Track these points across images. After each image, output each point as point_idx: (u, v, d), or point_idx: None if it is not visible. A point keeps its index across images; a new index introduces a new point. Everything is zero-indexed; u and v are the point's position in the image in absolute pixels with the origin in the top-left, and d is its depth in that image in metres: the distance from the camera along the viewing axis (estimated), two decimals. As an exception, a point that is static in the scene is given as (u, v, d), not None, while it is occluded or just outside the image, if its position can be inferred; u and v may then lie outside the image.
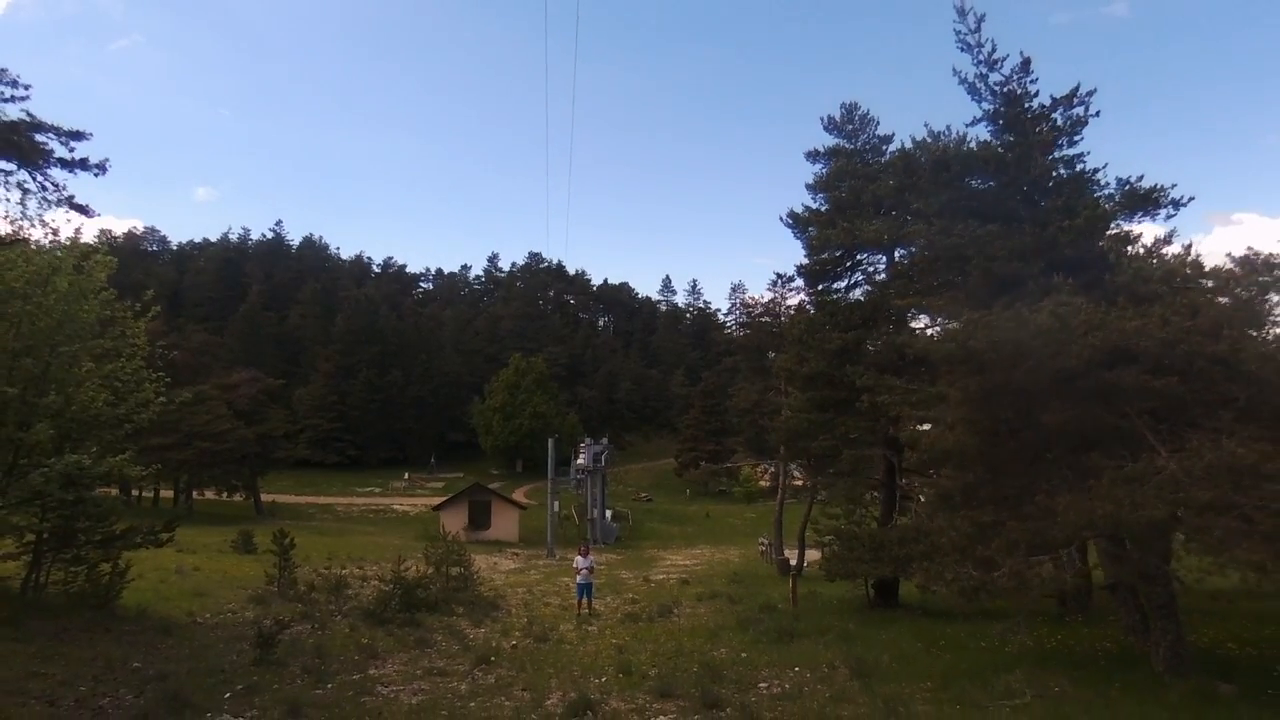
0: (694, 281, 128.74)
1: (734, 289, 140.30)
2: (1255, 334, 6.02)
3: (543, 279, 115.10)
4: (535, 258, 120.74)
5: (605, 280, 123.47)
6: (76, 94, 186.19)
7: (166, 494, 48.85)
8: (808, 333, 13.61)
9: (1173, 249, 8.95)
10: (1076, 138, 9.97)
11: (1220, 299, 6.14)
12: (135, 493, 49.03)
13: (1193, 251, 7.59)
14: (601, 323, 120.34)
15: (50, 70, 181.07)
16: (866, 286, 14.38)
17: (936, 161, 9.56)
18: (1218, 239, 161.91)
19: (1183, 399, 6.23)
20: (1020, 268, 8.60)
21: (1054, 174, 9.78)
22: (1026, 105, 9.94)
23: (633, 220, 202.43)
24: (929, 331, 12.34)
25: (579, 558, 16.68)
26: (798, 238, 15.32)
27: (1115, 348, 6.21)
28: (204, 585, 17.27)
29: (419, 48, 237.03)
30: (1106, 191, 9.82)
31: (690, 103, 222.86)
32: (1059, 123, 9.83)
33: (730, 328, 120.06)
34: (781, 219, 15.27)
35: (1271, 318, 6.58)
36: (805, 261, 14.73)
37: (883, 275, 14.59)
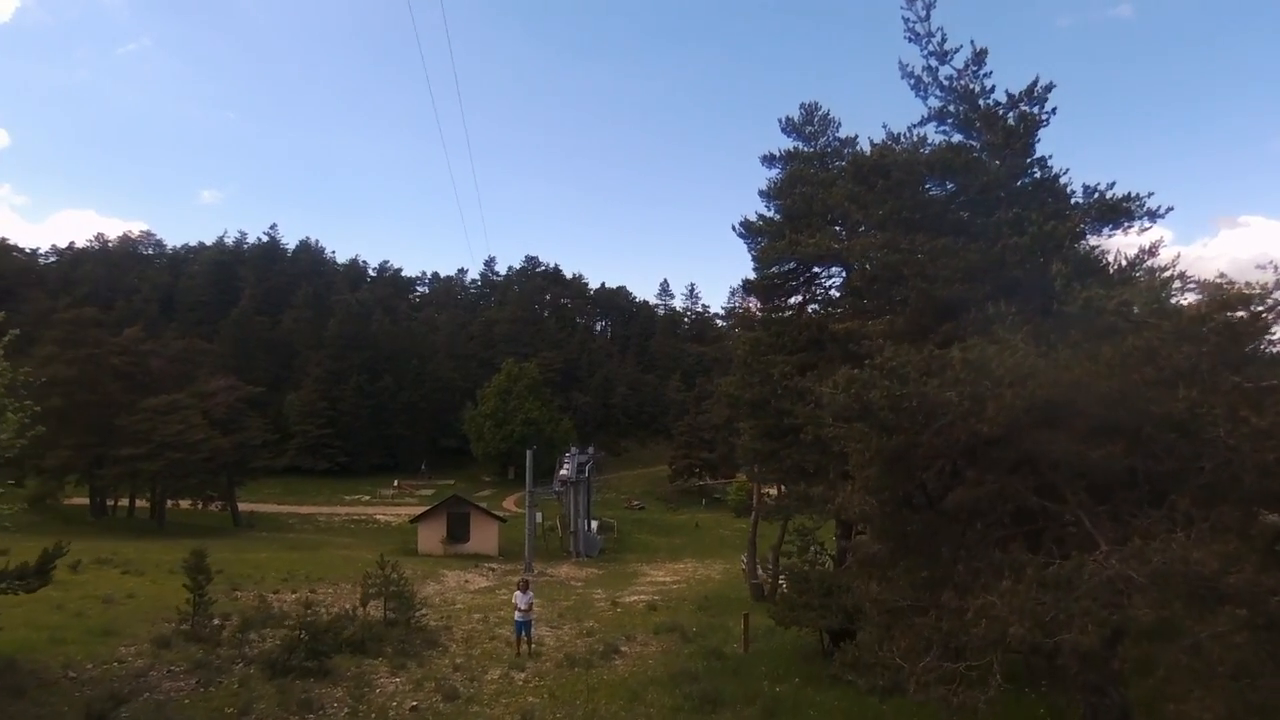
0: (692, 285, 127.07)
1: (733, 293, 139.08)
2: (1230, 387, 4.74)
3: (539, 283, 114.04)
4: (532, 261, 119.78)
5: (602, 284, 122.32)
6: (86, 98, 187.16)
7: (143, 504, 47.92)
8: (752, 355, 12.35)
9: (1159, 260, 7.71)
10: (1035, 139, 8.71)
11: (1183, 345, 4.87)
12: (110, 503, 48.22)
13: (1159, 276, 6.36)
14: (598, 327, 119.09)
15: (58, 74, 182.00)
16: (815, 305, 13.12)
17: (876, 166, 8.32)
18: (1224, 242, 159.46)
19: (1131, 472, 4.98)
20: (964, 290, 7.36)
21: (1012, 181, 8.52)
22: (980, 102, 8.69)
23: (630, 223, 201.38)
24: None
25: (518, 593, 15.48)
26: (750, 250, 14.09)
27: (1049, 403, 4.95)
28: (122, 619, 16.13)
29: (424, 49, 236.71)
30: (1073, 201, 8.59)
31: (692, 103, 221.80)
32: (1016, 122, 8.57)
33: (728, 333, 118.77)
34: (734, 228, 14.04)
35: (1252, 362, 5.31)
36: (753, 276, 13.48)
37: (838, 293, 13.37)
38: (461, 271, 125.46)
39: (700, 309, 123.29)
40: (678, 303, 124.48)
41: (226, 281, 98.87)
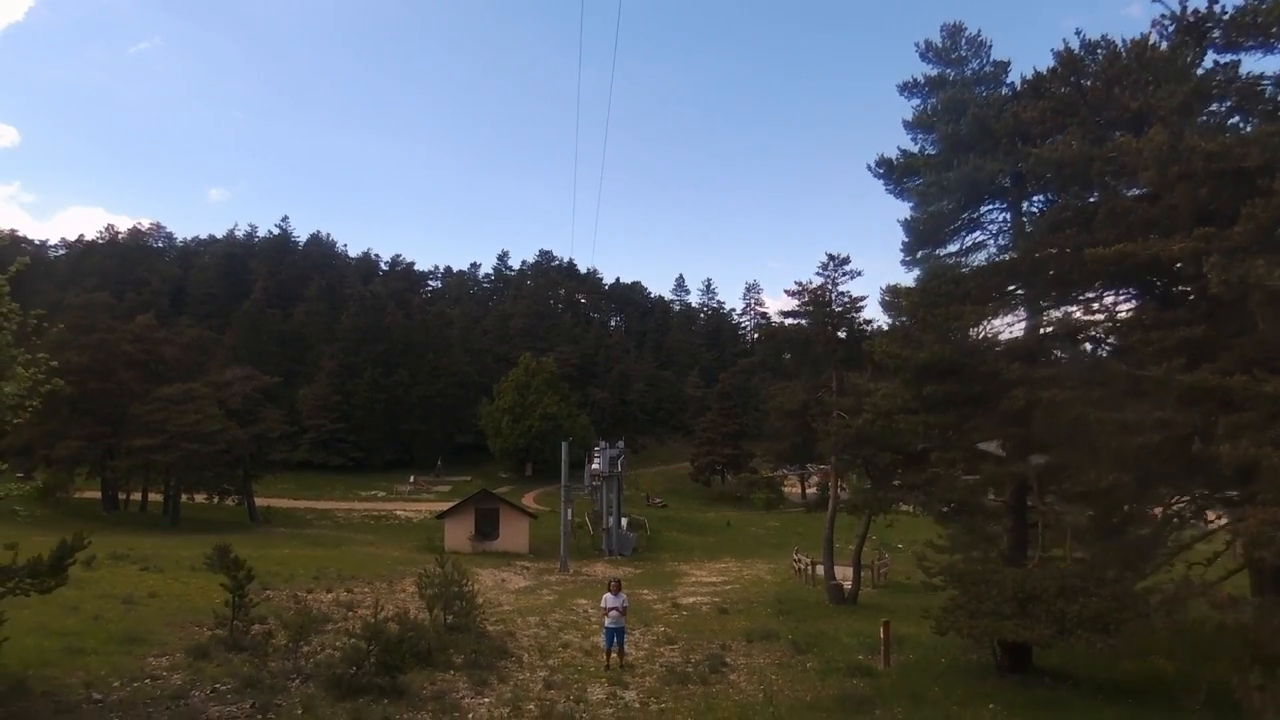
0: (708, 280, 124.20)
1: (749, 289, 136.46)
2: None
3: (553, 277, 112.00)
4: (546, 255, 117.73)
5: (617, 279, 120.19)
6: (96, 96, 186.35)
7: (155, 497, 45.90)
8: (924, 307, 10.17)
9: None
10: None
11: None
12: (123, 496, 46.25)
13: None
14: (613, 322, 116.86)
15: (69, 73, 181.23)
16: (993, 249, 10.95)
17: (1199, 23, 6.12)
18: None
19: None
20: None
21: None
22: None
23: (645, 218, 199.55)
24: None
25: (609, 595, 13.33)
26: (890, 190, 11.92)
27: None
28: (146, 624, 14.01)
29: (429, 48, 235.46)
30: None
31: (703, 101, 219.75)
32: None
33: (744, 329, 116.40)
34: (869, 167, 11.89)
35: None
36: (914, 216, 11.27)
37: (1005, 235, 11.17)
38: (474, 266, 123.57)
39: (716, 304, 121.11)
40: (693, 298, 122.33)
41: (237, 274, 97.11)
